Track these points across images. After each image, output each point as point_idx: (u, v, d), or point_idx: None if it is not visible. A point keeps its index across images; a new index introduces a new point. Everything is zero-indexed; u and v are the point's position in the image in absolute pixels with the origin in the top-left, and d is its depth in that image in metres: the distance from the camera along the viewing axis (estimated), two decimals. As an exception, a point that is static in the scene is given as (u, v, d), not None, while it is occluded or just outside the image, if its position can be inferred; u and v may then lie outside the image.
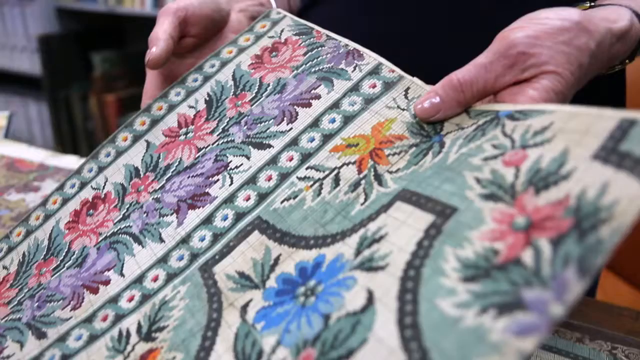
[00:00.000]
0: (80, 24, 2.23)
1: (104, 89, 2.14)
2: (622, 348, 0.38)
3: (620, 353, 0.38)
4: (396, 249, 0.22)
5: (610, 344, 0.39)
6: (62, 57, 2.16)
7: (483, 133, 0.25)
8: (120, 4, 2.05)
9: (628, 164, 0.18)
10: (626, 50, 0.34)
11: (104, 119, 2.20)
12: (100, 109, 2.18)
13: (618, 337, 0.39)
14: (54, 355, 0.29)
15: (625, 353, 0.38)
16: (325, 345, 0.20)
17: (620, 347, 0.38)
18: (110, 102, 2.15)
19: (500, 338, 0.16)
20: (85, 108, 2.23)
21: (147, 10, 1.99)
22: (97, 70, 2.13)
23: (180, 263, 0.30)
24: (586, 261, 0.16)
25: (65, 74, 2.20)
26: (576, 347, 0.38)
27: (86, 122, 2.26)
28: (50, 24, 2.18)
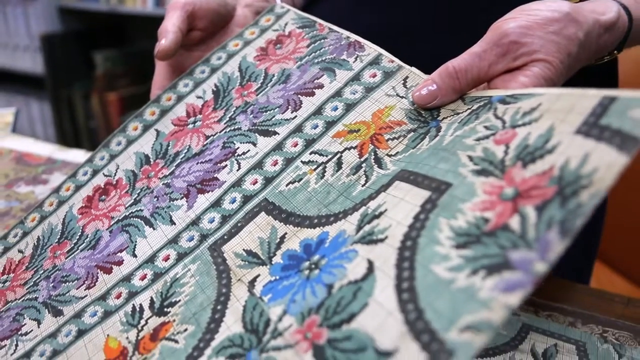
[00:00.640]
0: (83, 23, 2.24)
1: (106, 88, 2.16)
2: (613, 331, 0.40)
3: (611, 336, 0.39)
4: (395, 223, 0.23)
5: (601, 328, 0.40)
6: (65, 56, 2.18)
7: (477, 117, 0.27)
8: (122, 3, 2.07)
9: (607, 136, 0.19)
10: (614, 41, 0.36)
11: (106, 118, 2.21)
12: (102, 107, 2.20)
13: (609, 322, 0.41)
14: (70, 330, 0.31)
15: (616, 336, 0.39)
16: (328, 311, 0.22)
17: (611, 330, 0.40)
18: (113, 101, 2.16)
19: (489, 295, 0.17)
20: (88, 107, 2.25)
21: (149, 9, 2.01)
22: (100, 69, 2.15)
23: (190, 243, 0.32)
24: (567, 223, 0.17)
25: (67, 73, 2.21)
26: (569, 331, 0.39)
27: (88, 120, 2.28)
28: (53, 23, 2.19)
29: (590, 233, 0.58)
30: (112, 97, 2.15)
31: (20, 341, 0.32)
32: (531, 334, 0.39)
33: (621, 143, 0.19)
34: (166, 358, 0.26)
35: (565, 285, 0.47)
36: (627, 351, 0.37)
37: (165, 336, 0.27)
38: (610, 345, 0.38)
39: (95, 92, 2.18)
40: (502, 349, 0.37)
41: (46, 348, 0.31)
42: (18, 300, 0.35)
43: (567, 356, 0.36)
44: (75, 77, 2.22)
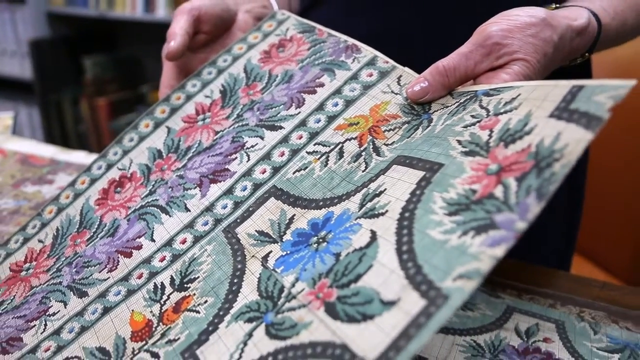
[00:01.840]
0: (71, 28, 2.25)
1: (95, 93, 2.17)
2: (589, 311, 0.43)
3: (588, 315, 0.43)
4: (394, 199, 0.27)
5: (578, 308, 0.44)
6: (53, 62, 2.18)
7: (464, 108, 0.30)
8: (111, 8, 2.08)
9: (575, 117, 0.23)
10: (585, 44, 0.40)
11: (96, 123, 2.22)
12: (91, 112, 2.20)
13: (585, 303, 0.45)
14: (96, 309, 0.34)
15: (592, 315, 0.43)
16: (337, 275, 0.25)
17: (587, 310, 0.44)
18: (102, 106, 2.17)
19: (478, 250, 0.21)
20: (77, 112, 2.25)
21: (138, 14, 2.02)
22: (89, 74, 2.16)
23: (205, 227, 0.35)
24: (543, 189, 0.21)
25: (56, 78, 2.22)
26: (549, 311, 0.43)
27: (77, 125, 2.28)
28: (41, 28, 2.20)
29: (569, 223, 0.62)
30: (102, 102, 2.16)
31: (48, 321, 0.34)
32: (515, 314, 0.42)
33: (587, 123, 0.22)
34: (189, 327, 0.29)
35: (546, 271, 0.51)
36: (601, 328, 0.41)
37: (187, 308, 0.30)
38: (586, 323, 0.42)
39: (85, 97, 2.19)
40: (489, 328, 0.40)
41: (74, 325, 0.33)
42: (43, 285, 0.37)
43: (547, 333, 0.40)
44: (64, 82, 2.23)
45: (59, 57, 2.20)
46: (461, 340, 0.38)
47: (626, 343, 0.39)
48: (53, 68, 2.19)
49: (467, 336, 0.39)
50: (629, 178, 0.81)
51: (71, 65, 2.22)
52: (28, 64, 2.20)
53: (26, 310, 0.36)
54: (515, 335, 0.39)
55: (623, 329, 0.41)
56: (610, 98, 0.23)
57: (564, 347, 0.38)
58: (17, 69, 2.28)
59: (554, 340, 0.39)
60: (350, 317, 0.23)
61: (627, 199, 0.82)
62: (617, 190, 0.83)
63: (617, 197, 0.83)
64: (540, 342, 0.39)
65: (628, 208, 0.82)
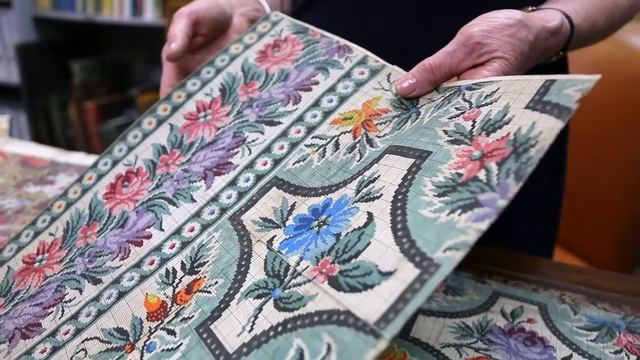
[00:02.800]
0: (58, 32, 2.25)
1: (83, 97, 2.17)
2: (569, 294, 0.47)
3: (568, 298, 0.46)
4: (387, 184, 0.30)
5: (559, 292, 0.47)
6: (40, 66, 2.18)
7: (449, 101, 0.33)
8: (98, 12, 2.09)
9: (548, 108, 0.26)
10: (559, 43, 0.43)
11: (84, 127, 2.22)
12: (80, 116, 2.20)
13: (565, 287, 0.48)
14: (111, 294, 0.36)
15: (572, 298, 0.46)
16: (338, 252, 0.28)
17: (567, 293, 0.47)
18: (90, 110, 2.17)
19: (465, 225, 0.24)
20: (65, 116, 2.25)
21: (126, 18, 2.03)
22: (77, 78, 2.16)
23: (212, 216, 0.37)
24: (520, 171, 0.24)
25: (43, 83, 2.21)
26: (532, 295, 0.46)
27: (66, 130, 2.28)
28: (28, 32, 2.19)
29: (551, 215, 0.66)
30: (90, 105, 2.16)
31: (65, 307, 0.36)
32: (500, 298, 0.45)
33: (558, 113, 0.25)
34: (202, 305, 0.31)
35: (530, 259, 0.54)
36: (581, 309, 0.44)
37: (199, 289, 0.33)
38: (567, 305, 0.45)
39: (73, 101, 2.19)
40: (476, 311, 0.43)
41: (91, 310, 0.35)
42: (57, 275, 0.39)
43: (531, 315, 0.43)
44: (51, 86, 2.22)
45: (46, 62, 2.20)
46: (451, 322, 0.41)
47: (603, 322, 0.42)
48: (40, 72, 2.19)
49: (456, 318, 0.42)
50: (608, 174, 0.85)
51: (59, 70, 2.22)
52: (14, 69, 2.20)
53: (42, 298, 0.38)
54: (502, 317, 0.43)
55: (600, 310, 0.44)
56: (578, 91, 0.26)
57: (547, 326, 0.42)
58: (4, 74, 2.27)
59: (537, 321, 0.42)
60: (352, 288, 0.25)
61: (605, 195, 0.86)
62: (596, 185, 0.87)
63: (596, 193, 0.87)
64: (525, 322, 0.42)
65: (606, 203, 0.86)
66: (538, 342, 0.39)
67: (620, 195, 0.85)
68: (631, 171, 0.83)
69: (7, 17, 2.16)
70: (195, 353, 0.29)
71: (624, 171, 0.84)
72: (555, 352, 0.38)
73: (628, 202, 0.85)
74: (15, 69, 2.19)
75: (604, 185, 0.86)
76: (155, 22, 1.97)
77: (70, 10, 2.12)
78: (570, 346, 0.39)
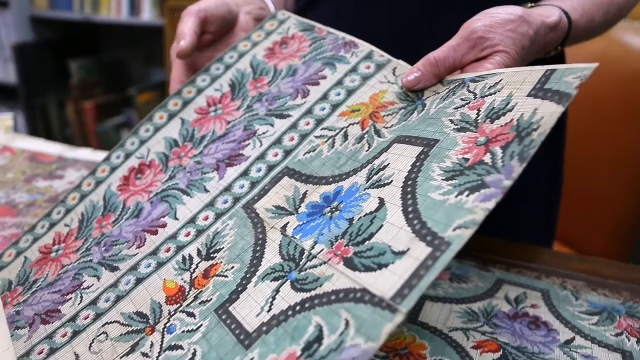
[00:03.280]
0: (56, 32, 2.25)
1: (81, 97, 2.17)
2: (571, 282, 0.49)
3: (570, 285, 0.48)
4: (397, 171, 0.31)
5: (561, 279, 0.49)
6: (38, 66, 2.18)
7: (454, 93, 0.35)
8: (96, 12, 2.09)
9: (549, 95, 0.28)
10: (557, 38, 0.45)
11: (82, 126, 2.22)
12: (78, 116, 2.21)
13: (567, 274, 0.50)
14: (129, 280, 0.37)
15: (573, 285, 0.48)
16: (352, 235, 0.29)
17: (569, 281, 0.49)
18: (88, 109, 2.18)
19: (473, 205, 0.25)
20: (63, 116, 2.25)
21: (124, 18, 2.04)
22: (75, 77, 2.16)
23: (226, 205, 0.38)
24: (524, 154, 0.26)
25: (41, 83, 2.22)
26: (535, 282, 0.48)
27: (64, 129, 2.28)
28: (25, 32, 2.19)
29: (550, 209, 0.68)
30: (88, 105, 2.17)
31: (84, 294, 0.38)
32: (504, 285, 0.47)
33: (559, 99, 0.27)
34: (219, 289, 0.33)
35: (531, 249, 0.56)
36: (582, 295, 0.46)
37: (216, 274, 0.34)
38: (569, 292, 0.47)
39: (71, 101, 2.19)
40: (482, 297, 0.45)
41: (110, 295, 0.37)
42: (74, 264, 0.40)
43: (534, 301, 0.45)
44: (49, 86, 2.23)
45: (44, 61, 2.20)
46: (458, 308, 0.43)
47: (604, 307, 0.44)
48: (38, 72, 2.19)
49: (462, 304, 0.43)
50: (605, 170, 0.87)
51: (56, 69, 2.22)
52: (12, 69, 2.20)
53: (60, 286, 0.39)
54: (506, 302, 0.44)
55: (601, 296, 0.46)
56: (577, 78, 0.28)
57: (550, 312, 0.43)
58: (1, 74, 2.28)
59: (540, 306, 0.44)
60: (367, 267, 0.27)
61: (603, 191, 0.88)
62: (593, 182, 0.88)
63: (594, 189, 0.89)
64: (529, 308, 0.44)
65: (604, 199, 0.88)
66: (542, 326, 0.41)
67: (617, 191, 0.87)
68: (628, 167, 0.85)
69: (4, 17, 2.17)
70: (215, 333, 0.30)
71: (621, 167, 0.86)
72: (559, 335, 0.40)
73: (625, 198, 0.87)
74: (12, 68, 2.19)
75: (601, 181, 0.88)
76: (153, 22, 1.98)
77: (68, 10, 2.13)
78: (572, 330, 0.41)
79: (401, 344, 0.38)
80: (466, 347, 0.38)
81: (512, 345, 0.38)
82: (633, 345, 0.39)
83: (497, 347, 0.38)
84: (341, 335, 0.24)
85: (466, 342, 0.38)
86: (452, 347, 0.38)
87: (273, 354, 0.26)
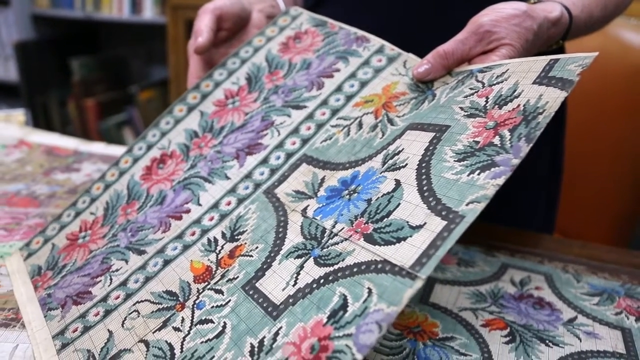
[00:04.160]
0: (57, 30, 2.26)
1: (83, 94, 2.19)
2: (572, 266, 0.51)
3: (571, 269, 0.50)
4: (411, 155, 0.33)
5: (563, 264, 0.51)
6: (39, 64, 2.19)
7: (462, 83, 0.37)
8: (97, 10, 2.11)
9: (553, 82, 0.30)
10: (559, 33, 0.47)
11: (84, 124, 2.24)
12: (79, 113, 2.22)
13: (568, 259, 0.52)
14: (157, 262, 0.39)
15: (575, 269, 0.50)
16: (370, 214, 0.31)
17: (570, 265, 0.51)
18: (90, 107, 2.19)
19: (484, 182, 0.27)
20: (64, 113, 2.27)
21: (125, 16, 2.06)
22: (76, 75, 2.18)
23: (247, 191, 0.41)
24: (530, 135, 0.28)
25: (42, 81, 2.23)
26: (538, 266, 0.50)
27: (65, 127, 2.30)
28: (26, 30, 2.21)
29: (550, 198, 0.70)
30: (90, 102, 2.18)
31: (113, 276, 0.40)
32: (509, 269, 0.49)
33: (562, 85, 0.29)
34: (245, 267, 0.35)
35: (534, 235, 0.58)
36: (583, 278, 0.48)
37: (241, 254, 0.36)
38: (570, 275, 0.49)
39: (72, 99, 2.20)
40: (488, 280, 0.47)
41: (139, 277, 0.39)
42: (101, 248, 0.42)
43: (538, 283, 0.47)
44: (50, 84, 2.24)
45: (45, 59, 2.21)
46: (466, 289, 0.45)
47: (604, 288, 0.46)
48: (39, 70, 2.20)
49: (470, 287, 0.46)
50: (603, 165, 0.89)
51: (57, 67, 2.23)
52: (12, 67, 2.21)
53: (89, 269, 0.41)
54: (511, 285, 0.47)
55: (601, 279, 0.48)
56: (579, 66, 0.30)
57: (553, 293, 0.46)
58: (1, 72, 2.29)
59: (543, 288, 0.46)
60: (387, 241, 0.29)
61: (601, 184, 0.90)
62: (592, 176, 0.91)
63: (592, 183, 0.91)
64: (533, 289, 0.46)
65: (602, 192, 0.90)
66: (546, 306, 0.43)
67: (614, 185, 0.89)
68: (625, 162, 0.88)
69: (5, 15, 2.18)
70: (243, 307, 0.32)
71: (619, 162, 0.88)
72: (562, 314, 0.42)
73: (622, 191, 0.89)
74: (13, 66, 2.20)
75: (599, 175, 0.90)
76: (154, 20, 1.99)
77: (69, 8, 2.14)
78: (575, 309, 0.43)
79: (414, 322, 0.40)
80: (475, 325, 0.40)
81: (518, 323, 0.41)
82: (632, 323, 0.41)
83: (505, 325, 0.40)
84: (364, 302, 0.26)
85: (475, 321, 0.41)
86: (462, 325, 0.40)
87: (300, 322, 0.28)
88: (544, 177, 0.67)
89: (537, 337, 0.39)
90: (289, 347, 0.27)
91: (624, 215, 0.90)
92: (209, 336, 0.32)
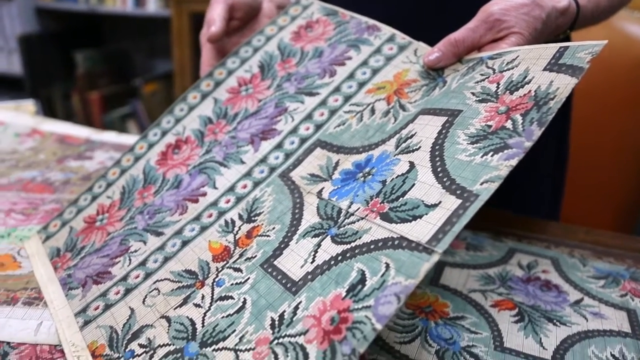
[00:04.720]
0: (61, 23, 2.27)
1: (87, 87, 2.20)
2: (578, 250, 0.52)
3: (577, 254, 0.51)
4: (424, 138, 0.34)
5: (569, 249, 0.53)
6: (43, 57, 2.20)
7: (473, 70, 0.38)
8: (101, 3, 2.11)
9: (563, 69, 0.31)
10: (567, 22, 0.48)
11: (88, 117, 2.25)
12: (83, 106, 2.23)
13: (574, 245, 0.54)
14: (175, 243, 0.40)
15: (581, 254, 0.51)
16: (386, 194, 0.32)
17: (576, 250, 0.52)
18: (94, 100, 2.20)
19: (497, 163, 0.28)
20: (68, 106, 2.27)
21: (129, 9, 2.06)
22: (80, 68, 2.19)
23: (262, 174, 0.42)
24: (542, 119, 0.29)
25: (46, 74, 2.24)
26: (544, 251, 0.52)
27: (69, 120, 2.30)
28: (30, 23, 2.21)
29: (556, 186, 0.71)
30: (94, 95, 2.19)
31: (132, 256, 0.41)
32: (516, 254, 0.50)
33: (572, 72, 0.30)
34: (263, 247, 0.36)
35: (540, 222, 0.59)
36: (589, 262, 0.50)
37: (259, 234, 0.37)
38: (576, 259, 0.50)
39: (76, 92, 2.21)
40: (496, 264, 0.48)
41: (158, 257, 0.40)
42: (119, 231, 0.44)
43: (545, 267, 0.48)
44: (54, 77, 2.25)
45: (49, 52, 2.22)
46: (475, 272, 0.46)
47: (609, 272, 0.48)
48: (43, 63, 2.21)
49: (479, 270, 0.47)
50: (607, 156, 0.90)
51: (61, 60, 2.24)
52: (17, 60, 2.22)
53: (108, 250, 0.42)
54: (519, 268, 0.48)
55: (606, 263, 0.50)
56: (588, 54, 0.31)
57: (560, 276, 0.47)
58: (5, 65, 2.30)
59: (550, 271, 0.47)
60: (403, 219, 0.30)
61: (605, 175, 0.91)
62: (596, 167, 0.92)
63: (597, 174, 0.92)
64: (540, 272, 0.47)
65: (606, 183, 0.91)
66: (553, 288, 0.44)
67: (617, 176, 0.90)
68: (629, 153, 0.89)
69: (9, 8, 2.18)
70: (263, 284, 0.33)
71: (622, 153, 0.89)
72: (569, 295, 0.43)
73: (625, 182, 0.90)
74: (17, 59, 2.21)
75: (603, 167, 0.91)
76: (158, 13, 2.00)
77: (73, 1, 2.15)
78: (581, 291, 0.44)
79: (425, 302, 0.41)
80: (485, 306, 0.41)
81: (526, 304, 0.42)
82: (637, 304, 0.43)
83: (513, 306, 0.41)
84: (382, 276, 0.27)
85: (484, 302, 0.42)
86: (472, 305, 0.41)
87: (319, 296, 0.29)
88: (550, 167, 0.68)
89: (545, 317, 0.40)
90: (309, 319, 0.29)
91: (627, 205, 0.91)
92: (229, 311, 0.33)
